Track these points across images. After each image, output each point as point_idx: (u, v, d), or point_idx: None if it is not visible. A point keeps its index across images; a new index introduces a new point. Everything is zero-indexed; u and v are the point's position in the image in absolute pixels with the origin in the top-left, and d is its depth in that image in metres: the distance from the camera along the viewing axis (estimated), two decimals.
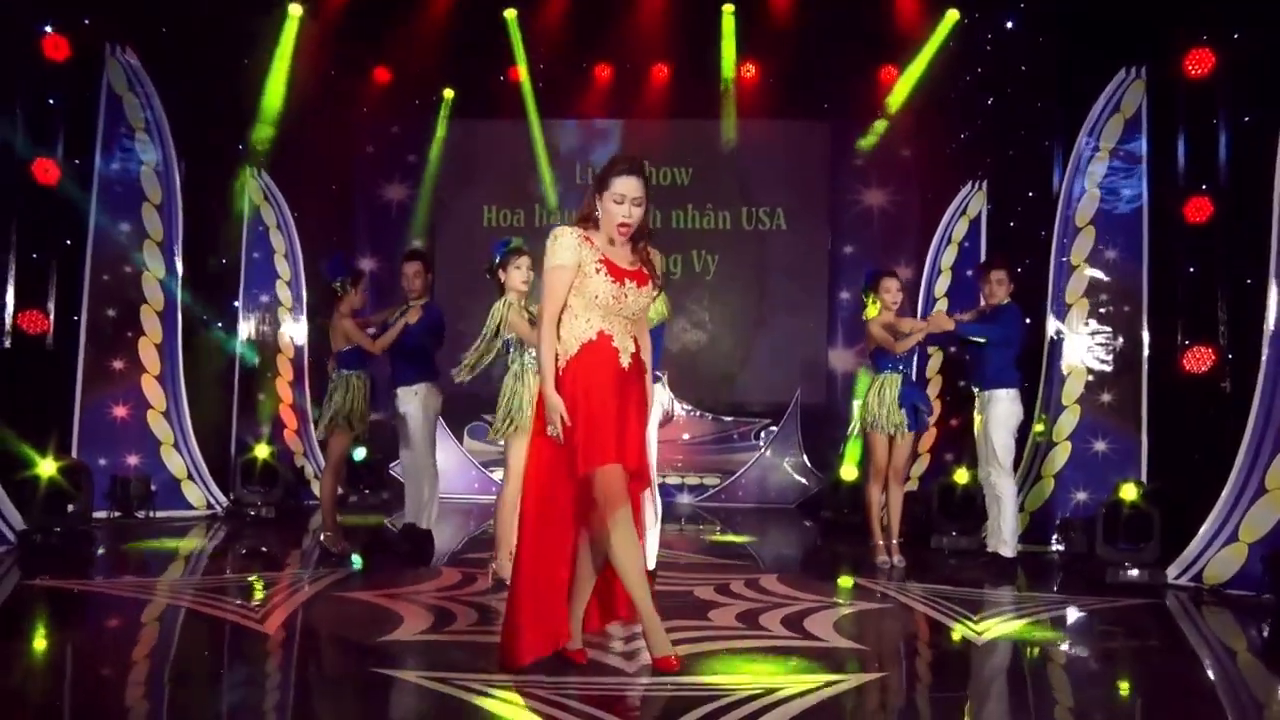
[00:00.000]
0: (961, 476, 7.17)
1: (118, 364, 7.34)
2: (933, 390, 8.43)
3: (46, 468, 6.06)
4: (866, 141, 10.79)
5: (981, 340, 6.48)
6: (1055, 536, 6.97)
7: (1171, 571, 5.91)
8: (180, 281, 7.69)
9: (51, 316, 6.91)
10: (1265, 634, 5.01)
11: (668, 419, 11.49)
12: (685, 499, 10.17)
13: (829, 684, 3.67)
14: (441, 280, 12.07)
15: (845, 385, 11.71)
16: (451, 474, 10.15)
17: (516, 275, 5.65)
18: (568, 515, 3.77)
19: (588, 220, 3.82)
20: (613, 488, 3.65)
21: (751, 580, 5.76)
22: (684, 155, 12.02)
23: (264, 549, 6.70)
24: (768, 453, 10.23)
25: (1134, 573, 5.95)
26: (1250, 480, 5.73)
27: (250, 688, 3.72)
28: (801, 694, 3.51)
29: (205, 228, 8.07)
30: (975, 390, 6.58)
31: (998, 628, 4.71)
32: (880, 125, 10.56)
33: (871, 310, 6.50)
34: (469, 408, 11.49)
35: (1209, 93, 6.68)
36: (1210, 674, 4.41)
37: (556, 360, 3.73)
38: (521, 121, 11.86)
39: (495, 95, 11.64)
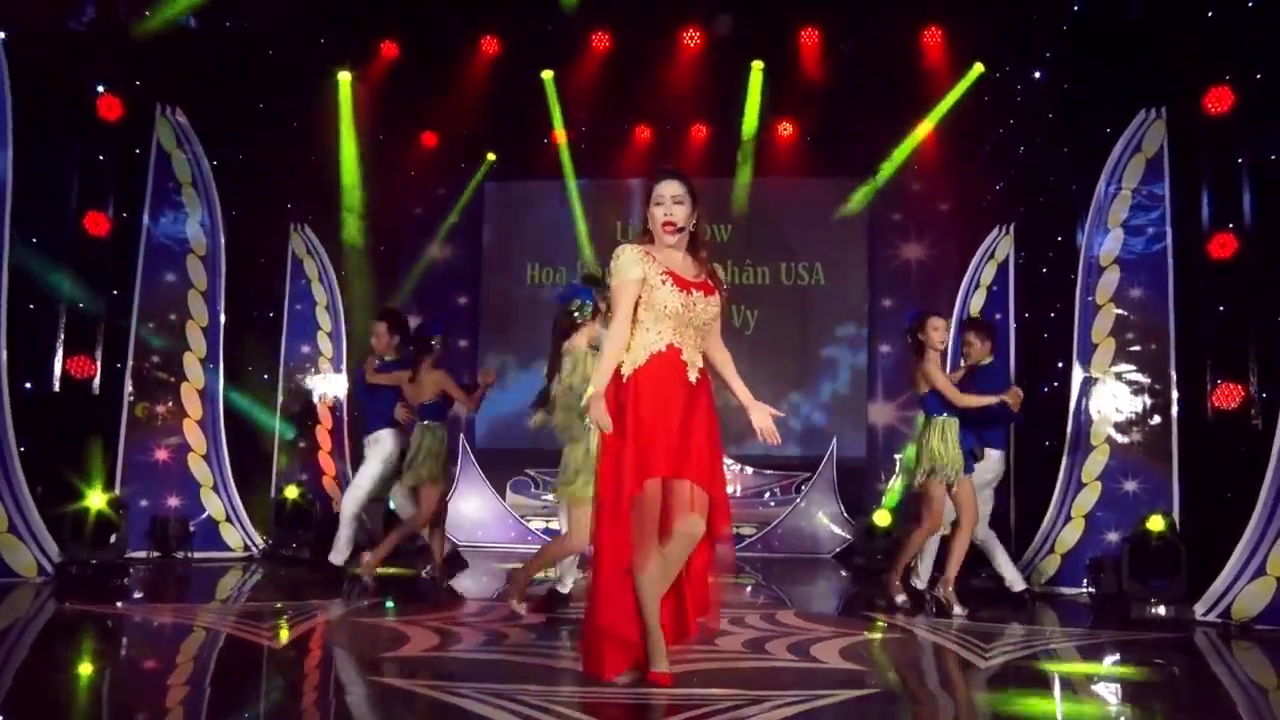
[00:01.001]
0: None
1: (160, 408, 7.62)
2: None
3: (88, 502, 6.29)
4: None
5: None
6: (1086, 579, 6.83)
7: (1199, 608, 5.78)
8: (223, 331, 8.00)
9: (98, 362, 7.23)
10: None
11: None
12: (720, 548, 10.08)
13: (818, 697, 3.67)
14: (485, 336, 12.42)
15: (886, 439, 11.68)
16: (492, 525, 10.30)
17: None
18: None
19: (646, 236, 3.91)
20: (646, 517, 3.70)
21: (768, 614, 5.74)
22: (724, 212, 12.22)
23: (289, 583, 6.84)
24: (804, 503, 10.16)
25: (1160, 609, 5.84)
26: (1276, 513, 5.61)
27: (243, 694, 3.82)
28: (789, 704, 3.52)
29: (249, 280, 8.41)
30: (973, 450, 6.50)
31: (1007, 656, 4.65)
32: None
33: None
34: (515, 463, 11.71)
35: (1230, 130, 6.70)
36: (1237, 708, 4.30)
37: (623, 369, 3.77)
38: (564, 181, 12.22)
39: (537, 156, 12.00)
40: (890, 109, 10.55)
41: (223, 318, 8.00)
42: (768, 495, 11.80)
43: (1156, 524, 6.14)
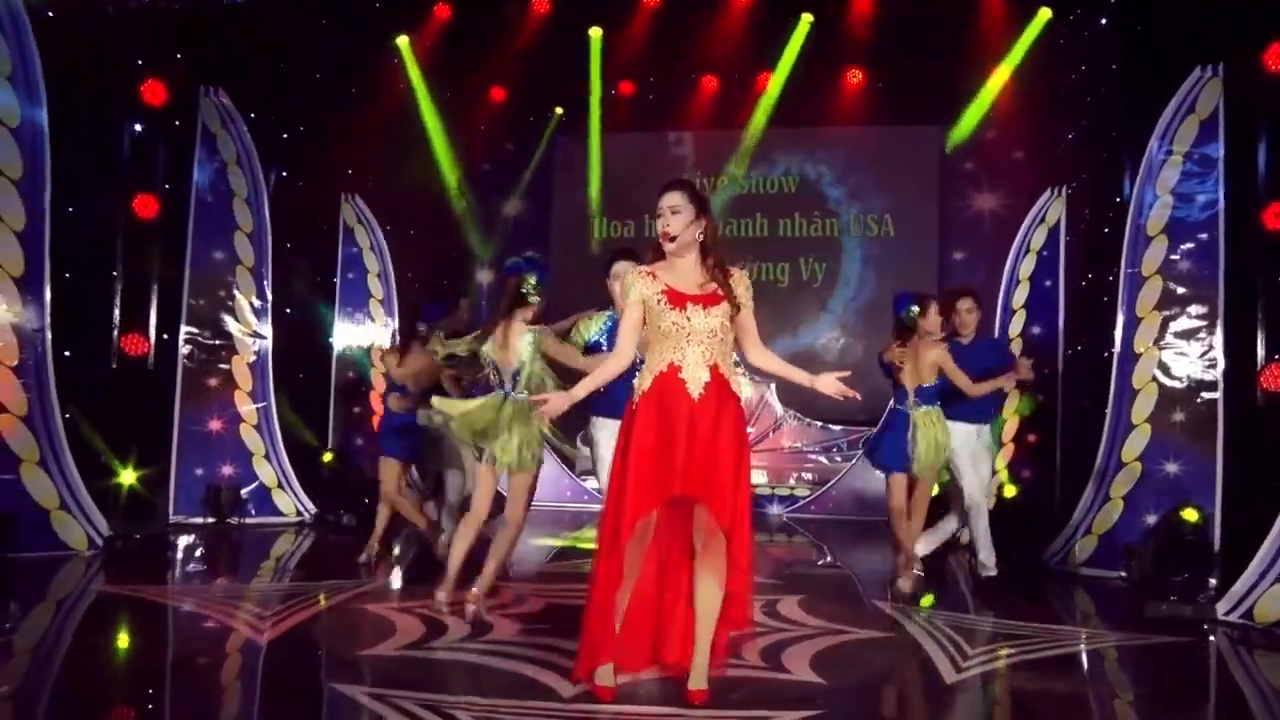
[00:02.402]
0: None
1: (213, 381, 8.01)
2: None
3: (121, 478, 6.70)
4: (957, 135, 10.41)
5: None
6: (1120, 564, 6.60)
7: (1222, 607, 5.52)
8: (271, 304, 8.30)
9: (152, 339, 7.62)
10: None
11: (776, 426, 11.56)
12: (775, 509, 10.11)
13: None
14: (555, 293, 12.51)
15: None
16: (546, 481, 10.50)
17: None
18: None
19: (660, 250, 3.95)
20: (634, 553, 3.81)
21: (770, 604, 5.74)
22: (791, 163, 11.96)
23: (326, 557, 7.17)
24: (860, 464, 10.03)
25: (1181, 607, 5.62)
26: None
27: (204, 693, 4.06)
28: None
29: (300, 252, 8.68)
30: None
31: (983, 667, 4.57)
32: (970, 118, 10.13)
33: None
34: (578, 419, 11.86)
35: None
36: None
37: (634, 395, 3.88)
38: (630, 134, 12.12)
39: (604, 110, 11.92)
40: (961, 56, 10.11)
41: (270, 293, 8.31)
42: (835, 450, 11.72)
43: (1190, 515, 5.89)
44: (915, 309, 6.14)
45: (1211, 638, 5.28)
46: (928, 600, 5.92)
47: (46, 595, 5.58)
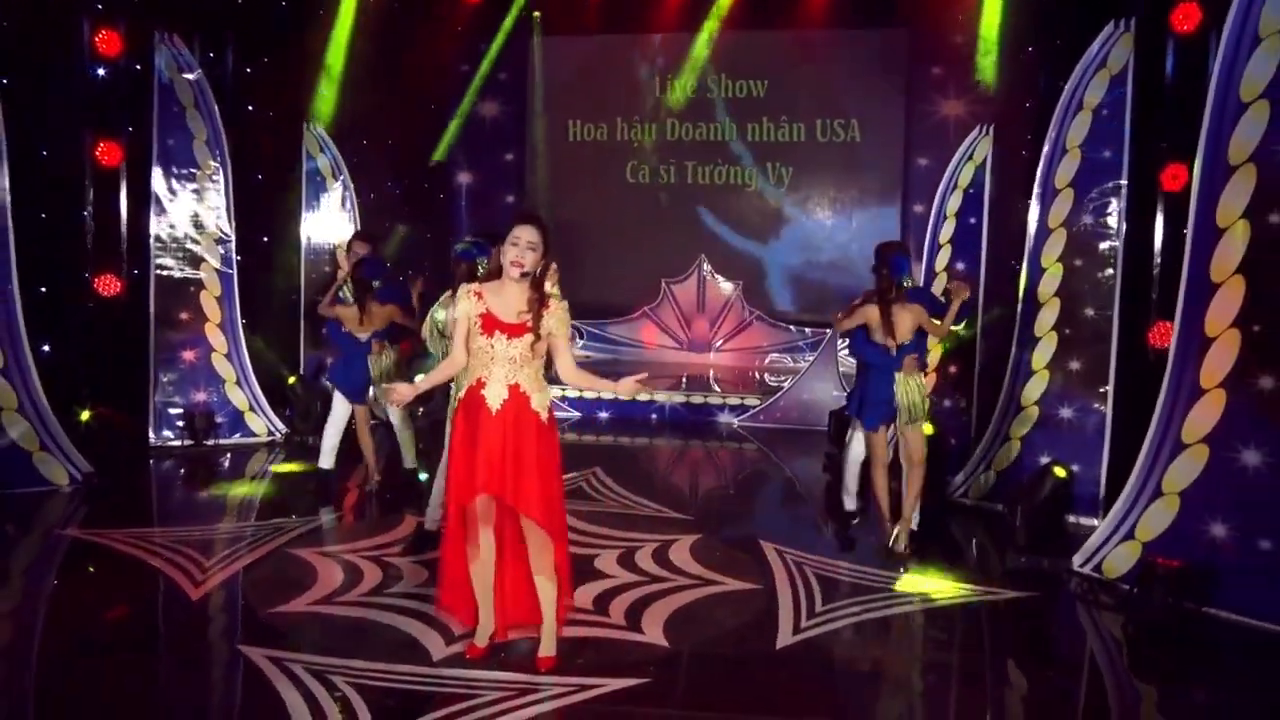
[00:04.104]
0: None
1: (184, 315, 8.58)
2: None
3: (83, 416, 7.38)
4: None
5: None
6: (1003, 505, 7.05)
7: (1077, 559, 5.96)
8: (236, 239, 8.78)
9: (123, 279, 8.17)
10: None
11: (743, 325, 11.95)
12: (726, 418, 10.65)
13: (586, 689, 4.30)
14: (530, 191, 12.88)
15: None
16: None
17: None
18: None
19: (494, 275, 4.47)
20: (478, 537, 4.45)
21: (663, 548, 6.31)
22: (761, 67, 11.98)
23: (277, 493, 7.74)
24: (809, 373, 10.47)
25: (1039, 560, 6.07)
26: (1150, 479, 5.73)
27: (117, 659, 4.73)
28: (550, 697, 4.18)
29: (264, 186, 9.11)
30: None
31: (820, 629, 5.10)
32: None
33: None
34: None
35: (1195, 52, 6.30)
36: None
37: (460, 394, 4.48)
38: (602, 37, 12.17)
39: (580, 12, 11.97)
40: None
41: (234, 229, 8.79)
42: (797, 350, 12.21)
43: (1060, 472, 6.33)
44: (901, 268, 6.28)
45: (1068, 590, 5.79)
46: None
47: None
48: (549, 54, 12.54)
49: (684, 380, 11.60)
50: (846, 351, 8.82)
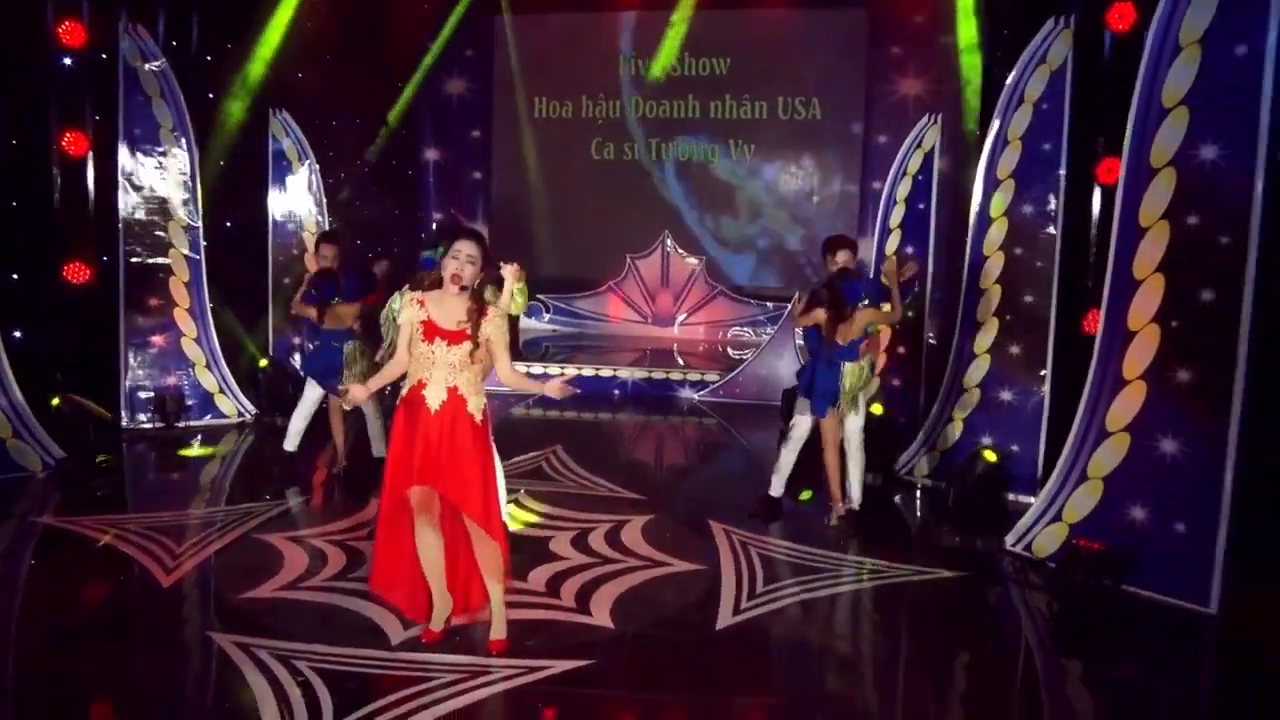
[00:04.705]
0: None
1: (153, 301, 8.76)
2: None
3: (54, 402, 7.56)
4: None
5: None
6: (944, 484, 7.35)
7: (1009, 539, 6.29)
8: (201, 225, 8.93)
9: (93, 266, 8.32)
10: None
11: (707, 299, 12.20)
12: (686, 393, 10.92)
13: (535, 670, 4.58)
14: (497, 167, 13.05)
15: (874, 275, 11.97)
16: None
17: None
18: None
19: (436, 285, 4.68)
20: (413, 503, 4.70)
21: (616, 527, 6.60)
22: (725, 46, 12.14)
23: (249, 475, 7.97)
24: (767, 349, 10.74)
25: (973, 539, 6.41)
26: (1077, 463, 6.04)
27: (92, 646, 4.97)
28: (502, 679, 4.44)
29: (230, 171, 9.24)
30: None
31: (759, 609, 5.38)
32: None
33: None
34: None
35: (1129, 50, 6.50)
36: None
37: (401, 391, 4.74)
38: (568, 15, 12.27)
39: None
40: None
41: (201, 216, 8.94)
42: (758, 324, 12.49)
43: (990, 455, 6.64)
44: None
45: (1001, 569, 6.11)
46: (806, 494, 7.00)
47: None
48: (516, 32, 12.65)
49: (647, 354, 11.87)
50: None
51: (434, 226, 12.70)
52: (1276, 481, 5.46)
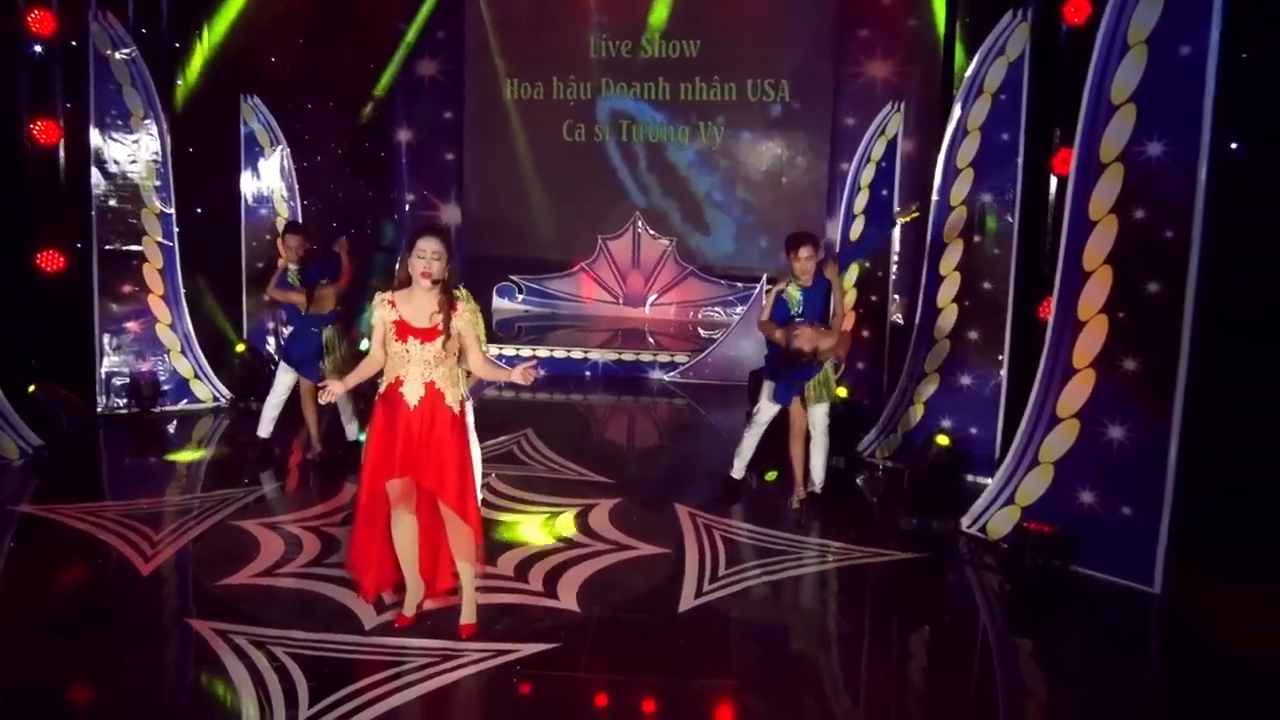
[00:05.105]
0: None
1: (127, 288, 8.82)
2: None
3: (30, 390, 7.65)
4: None
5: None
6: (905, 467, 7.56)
7: (965, 520, 6.51)
8: (174, 212, 8.98)
9: (66, 254, 8.38)
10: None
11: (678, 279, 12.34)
12: (656, 374, 11.10)
13: (503, 654, 4.76)
14: (469, 148, 13.12)
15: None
16: None
17: None
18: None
19: (405, 283, 4.79)
20: (391, 494, 4.87)
21: (584, 512, 6.76)
22: (695, 28, 12.23)
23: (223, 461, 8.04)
24: (735, 330, 10.91)
25: (930, 521, 6.59)
26: (1029, 448, 6.25)
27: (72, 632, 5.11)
28: (472, 662, 4.62)
29: (202, 157, 9.28)
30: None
31: (720, 592, 5.58)
32: None
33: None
34: (500, 269, 12.89)
35: (1084, 43, 6.65)
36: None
37: (380, 388, 4.87)
38: None
39: None
40: None
41: (173, 202, 8.98)
42: (729, 304, 12.67)
43: (942, 440, 6.85)
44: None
45: (956, 551, 6.33)
46: (771, 474, 7.29)
47: None
48: (488, 12, 12.69)
49: (618, 335, 12.03)
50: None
51: (406, 209, 12.76)
52: (1217, 467, 5.69)
